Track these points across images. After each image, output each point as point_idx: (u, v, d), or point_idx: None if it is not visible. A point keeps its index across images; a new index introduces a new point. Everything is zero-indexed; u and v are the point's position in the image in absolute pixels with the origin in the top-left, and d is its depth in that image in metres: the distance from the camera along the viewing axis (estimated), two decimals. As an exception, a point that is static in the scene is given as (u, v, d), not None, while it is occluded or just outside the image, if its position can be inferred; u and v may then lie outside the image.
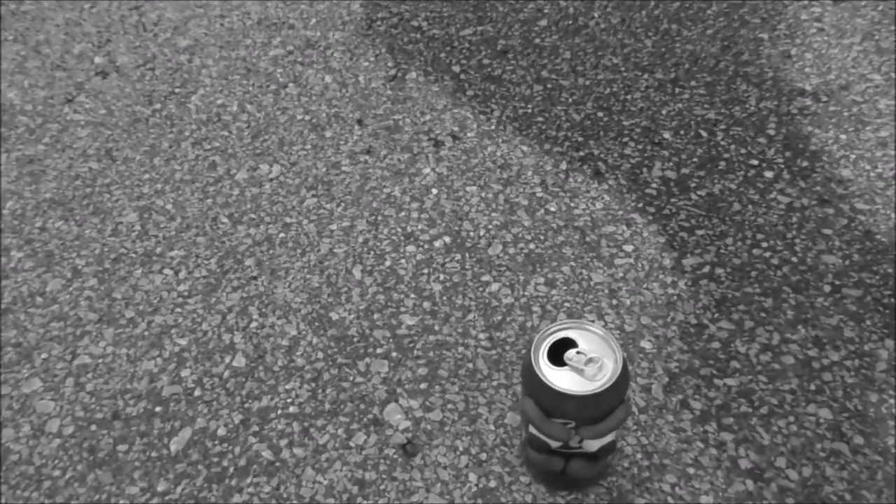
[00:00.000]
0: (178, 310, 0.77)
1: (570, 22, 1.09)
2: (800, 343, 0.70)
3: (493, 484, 0.63)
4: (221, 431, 0.68)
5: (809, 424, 0.64)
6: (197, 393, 0.70)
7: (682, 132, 0.91)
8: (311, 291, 0.78)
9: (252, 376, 0.71)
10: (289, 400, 0.69)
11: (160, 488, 0.64)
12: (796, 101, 0.93)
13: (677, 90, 0.96)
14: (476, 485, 0.63)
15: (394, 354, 0.72)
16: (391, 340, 0.73)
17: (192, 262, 0.82)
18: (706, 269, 0.77)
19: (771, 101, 0.93)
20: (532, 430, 0.55)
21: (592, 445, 0.54)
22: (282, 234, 0.84)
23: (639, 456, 0.63)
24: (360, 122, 0.96)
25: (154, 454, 0.66)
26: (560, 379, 0.53)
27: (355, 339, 0.73)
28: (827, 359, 0.68)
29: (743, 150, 0.88)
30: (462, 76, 1.01)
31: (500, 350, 0.72)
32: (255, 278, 0.80)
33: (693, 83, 0.97)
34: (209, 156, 0.93)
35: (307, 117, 0.97)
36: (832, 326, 0.71)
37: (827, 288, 0.74)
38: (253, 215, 0.86)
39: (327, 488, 0.63)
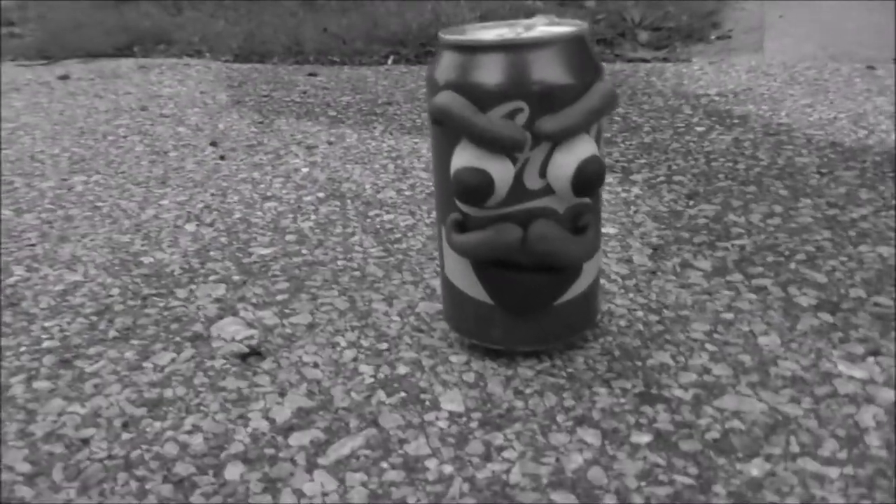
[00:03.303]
0: None
1: (454, 87, 1.02)
2: (812, 207, 0.51)
3: (402, 370, 0.35)
4: None
5: (871, 260, 0.43)
6: None
7: (592, 120, 0.79)
8: (116, 245, 0.52)
9: (-11, 322, 0.42)
10: (45, 336, 0.40)
11: None
12: (703, 99, 0.85)
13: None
14: (373, 376, 0.34)
15: (235, 278, 0.46)
16: (232, 268, 0.47)
17: (-62, 244, 0.55)
18: (661, 178, 0.59)
19: (676, 100, 0.85)
20: (459, 166, 0.31)
21: (564, 168, 0.31)
22: (88, 213, 0.60)
23: (639, 313, 0.38)
24: (214, 143, 0.79)
25: None
26: (490, 36, 0.32)
27: (176, 273, 0.47)
28: (855, 213, 0.49)
29: (664, 121, 0.76)
30: (339, 116, 0.89)
31: (401, 256, 0.47)
32: (32, 245, 0.54)
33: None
34: (5, 178, 0.71)
35: (147, 149, 0.79)
36: (843, 194, 0.53)
37: (816, 176, 0.57)
38: (50, 205, 0.62)
39: (85, 418, 0.33)
